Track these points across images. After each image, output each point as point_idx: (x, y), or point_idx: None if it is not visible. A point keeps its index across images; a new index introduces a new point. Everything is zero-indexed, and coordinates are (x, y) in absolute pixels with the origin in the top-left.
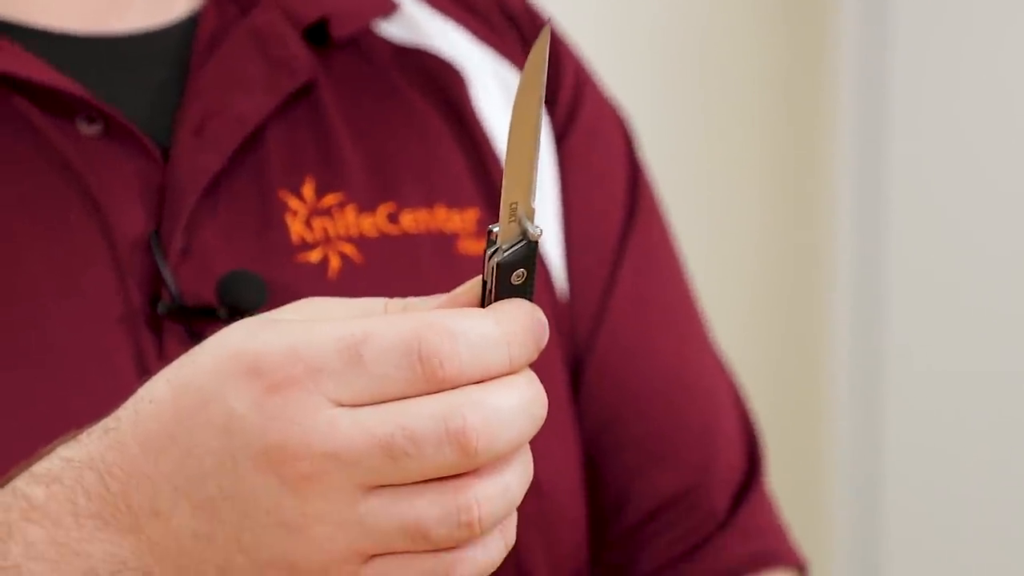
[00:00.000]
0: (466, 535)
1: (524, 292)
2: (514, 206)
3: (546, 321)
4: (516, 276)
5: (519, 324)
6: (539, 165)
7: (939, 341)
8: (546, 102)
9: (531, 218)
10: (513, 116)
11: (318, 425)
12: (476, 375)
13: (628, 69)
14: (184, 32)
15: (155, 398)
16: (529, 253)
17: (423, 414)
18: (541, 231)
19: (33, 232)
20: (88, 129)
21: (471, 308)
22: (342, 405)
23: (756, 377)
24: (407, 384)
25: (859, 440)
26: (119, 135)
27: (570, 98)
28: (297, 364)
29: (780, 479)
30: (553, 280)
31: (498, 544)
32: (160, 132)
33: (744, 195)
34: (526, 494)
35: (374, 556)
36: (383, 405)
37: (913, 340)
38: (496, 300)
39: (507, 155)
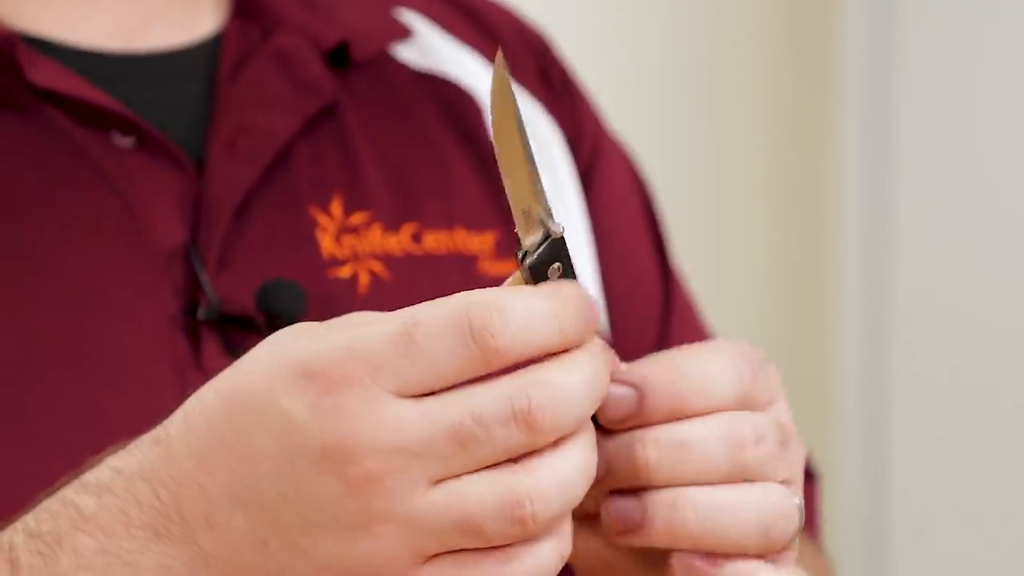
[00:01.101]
0: (519, 531)
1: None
2: (527, 210)
3: (593, 299)
4: (552, 271)
5: (567, 299)
6: (537, 168)
7: (946, 357)
8: (570, 147)
9: (550, 215)
10: (495, 137)
11: (384, 420)
12: (529, 348)
13: (635, 90)
14: (209, 52)
15: (205, 408)
16: (556, 249)
17: (488, 397)
18: (563, 226)
19: (70, 239)
20: (122, 141)
21: (516, 286)
22: (403, 396)
23: None
24: (463, 363)
25: (867, 454)
26: (152, 148)
27: (591, 146)
28: (352, 361)
29: None
30: None
31: (551, 553)
32: (191, 145)
33: (750, 213)
34: None
35: (432, 557)
36: (446, 393)
37: (920, 355)
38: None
39: (502, 171)
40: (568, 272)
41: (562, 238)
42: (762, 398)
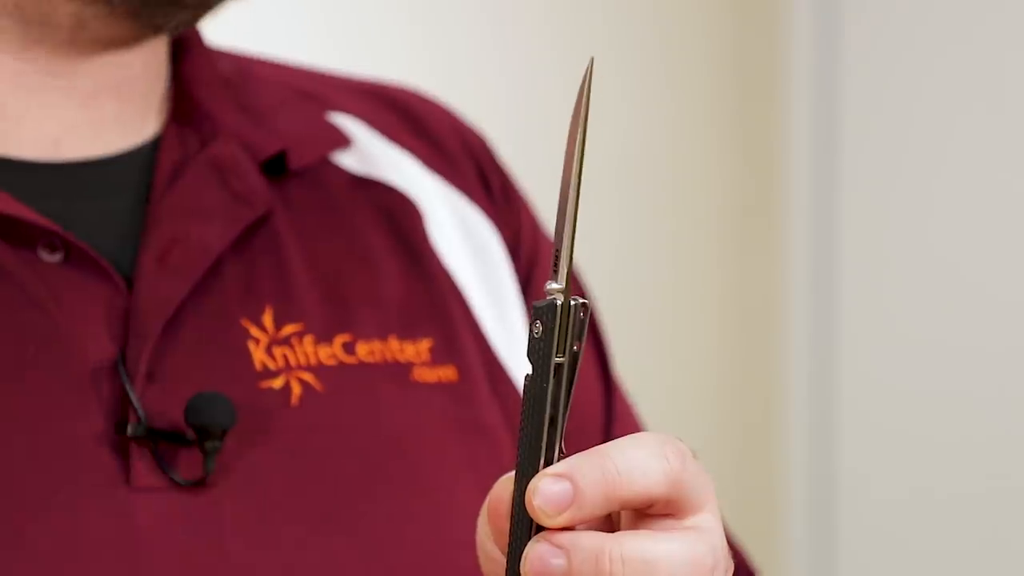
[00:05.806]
0: None
1: (539, 345)
2: (557, 251)
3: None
4: (535, 327)
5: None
6: (575, 217)
7: (893, 450)
8: (510, 253)
9: (555, 274)
10: (564, 165)
11: None
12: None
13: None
14: (145, 160)
15: None
16: (540, 313)
17: None
18: (555, 297)
19: None
20: (50, 257)
21: None
22: None
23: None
24: None
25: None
26: (80, 262)
27: (530, 252)
28: None
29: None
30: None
31: None
32: (122, 258)
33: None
34: None
35: None
36: None
37: (866, 445)
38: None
39: (559, 195)
40: (547, 337)
41: (549, 305)
42: (693, 489)
